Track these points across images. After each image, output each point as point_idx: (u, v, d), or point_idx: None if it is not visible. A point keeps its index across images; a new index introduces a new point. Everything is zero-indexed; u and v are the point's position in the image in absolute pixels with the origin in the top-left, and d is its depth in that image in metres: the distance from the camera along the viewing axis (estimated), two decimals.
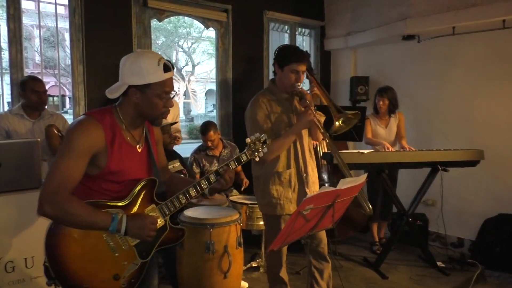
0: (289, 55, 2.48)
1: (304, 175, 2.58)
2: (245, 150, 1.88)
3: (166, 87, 1.66)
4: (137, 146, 1.72)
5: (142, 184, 1.68)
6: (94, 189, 1.62)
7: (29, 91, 3.04)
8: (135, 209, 1.67)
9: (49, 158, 2.97)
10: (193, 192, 1.76)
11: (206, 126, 3.96)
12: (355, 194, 2.01)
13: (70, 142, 1.55)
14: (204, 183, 1.79)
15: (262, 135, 1.91)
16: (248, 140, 1.88)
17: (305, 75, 2.65)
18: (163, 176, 1.90)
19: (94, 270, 1.59)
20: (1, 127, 3.01)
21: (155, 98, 1.64)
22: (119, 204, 1.64)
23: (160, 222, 1.71)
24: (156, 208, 1.72)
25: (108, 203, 1.62)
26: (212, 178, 1.80)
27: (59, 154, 1.56)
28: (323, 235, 2.67)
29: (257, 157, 1.89)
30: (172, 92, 1.71)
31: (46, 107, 3.22)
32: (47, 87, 3.32)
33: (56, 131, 2.87)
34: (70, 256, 1.56)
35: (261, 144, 1.89)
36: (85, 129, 1.57)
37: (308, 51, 5.67)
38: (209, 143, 3.89)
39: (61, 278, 1.55)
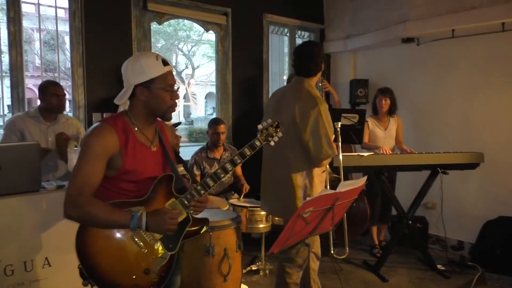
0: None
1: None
2: (258, 136, 1.88)
3: (169, 80, 1.75)
4: (151, 146, 1.81)
5: (159, 179, 1.75)
6: (114, 190, 1.72)
7: (50, 95, 3.10)
8: (155, 204, 1.73)
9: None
10: (211, 182, 1.80)
11: (217, 119, 4.04)
12: (355, 197, 2.01)
13: (88, 148, 1.66)
14: (221, 172, 1.81)
15: (274, 120, 1.91)
16: (260, 126, 1.89)
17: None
18: None
19: (124, 267, 1.66)
20: (16, 128, 3.05)
21: (161, 91, 1.73)
22: (139, 200, 1.72)
23: (182, 215, 1.78)
24: (176, 202, 1.78)
25: (128, 201, 1.71)
26: (229, 166, 1.82)
27: (78, 160, 1.68)
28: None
29: (272, 141, 1.90)
30: (176, 85, 1.79)
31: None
32: None
33: (65, 139, 2.98)
34: (99, 255, 1.64)
35: (274, 129, 1.91)
36: (100, 134, 1.67)
37: None
38: (221, 136, 3.92)
39: (94, 277, 1.63)
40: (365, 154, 3.64)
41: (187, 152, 4.25)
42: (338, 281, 3.54)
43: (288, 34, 5.35)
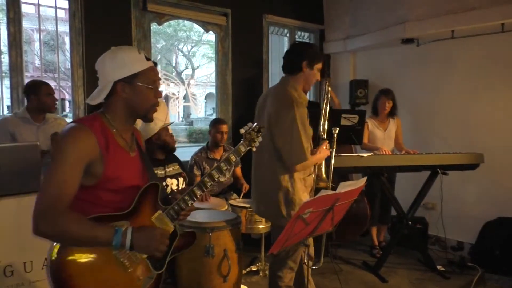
0: (318, 53, 2.49)
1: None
2: (242, 141, 1.76)
3: (152, 76, 1.58)
4: (130, 151, 1.61)
5: (144, 189, 1.57)
6: (92, 201, 1.49)
7: (44, 95, 3.10)
8: (141, 217, 1.55)
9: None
10: (198, 191, 1.67)
11: (220, 119, 4.08)
12: (355, 198, 2.01)
13: (62, 153, 1.42)
14: (208, 180, 1.69)
15: (255, 124, 1.79)
16: (242, 130, 1.77)
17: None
18: None
19: (105, 286, 1.47)
20: (6, 130, 3.04)
21: (144, 88, 1.56)
22: (122, 213, 1.51)
23: (170, 229, 1.62)
24: (163, 214, 1.62)
25: (111, 214, 1.50)
26: (215, 174, 1.69)
27: (51, 167, 1.43)
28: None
29: (254, 147, 1.78)
30: (160, 81, 1.65)
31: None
32: None
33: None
34: (80, 282, 1.42)
35: (255, 133, 1.76)
36: (76, 137, 1.45)
37: None
38: (224, 135, 3.94)
39: None
40: (365, 154, 3.65)
41: (187, 152, 4.25)
42: (338, 281, 3.54)
43: (288, 35, 5.35)
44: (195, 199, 1.68)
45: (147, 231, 1.50)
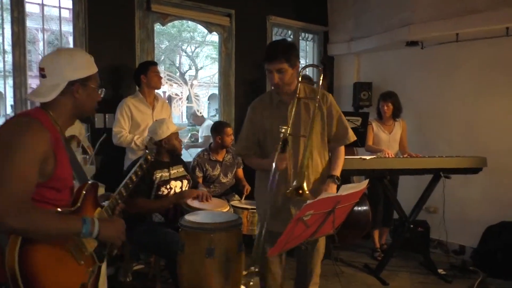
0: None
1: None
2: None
3: (98, 79, 1.67)
4: (67, 150, 1.63)
5: (88, 187, 1.63)
6: (36, 199, 1.45)
7: None
8: (86, 213, 1.60)
9: None
10: (124, 192, 1.82)
11: (221, 123, 4.03)
12: (356, 200, 2.00)
13: (20, 147, 1.38)
14: (129, 182, 1.86)
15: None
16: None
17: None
18: None
19: (65, 284, 1.51)
20: None
21: (94, 90, 1.65)
22: (73, 209, 1.55)
23: None
24: (102, 211, 1.71)
25: (63, 211, 1.51)
26: (138, 170, 1.89)
27: (8, 162, 1.37)
28: None
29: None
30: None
31: None
32: None
33: (81, 142, 2.94)
34: (44, 275, 1.42)
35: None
36: (33, 131, 1.44)
37: (311, 56, 5.69)
38: (229, 139, 3.92)
39: None
40: (368, 157, 3.63)
41: (189, 154, 4.25)
42: (339, 284, 3.53)
43: (292, 36, 5.35)
44: (128, 190, 1.85)
45: (112, 221, 1.64)
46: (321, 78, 2.45)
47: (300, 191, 2.16)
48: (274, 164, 2.20)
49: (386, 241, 4.53)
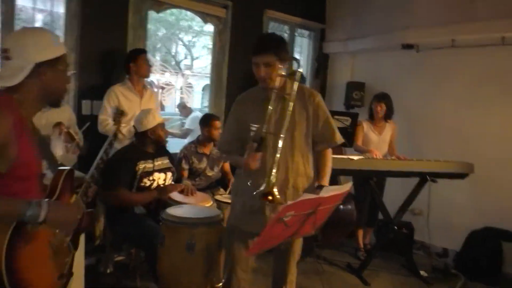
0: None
1: None
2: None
3: (68, 61, 1.58)
4: (34, 135, 1.55)
5: (66, 175, 1.62)
6: (6, 193, 1.40)
7: None
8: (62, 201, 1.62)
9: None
10: (96, 172, 1.95)
11: (210, 116, 3.97)
12: (339, 202, 1.99)
13: None
14: (100, 162, 2.00)
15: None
16: None
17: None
18: None
19: (48, 276, 1.52)
20: None
21: (64, 72, 1.54)
22: (51, 200, 1.53)
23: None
24: (78, 197, 1.73)
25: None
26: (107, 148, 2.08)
27: None
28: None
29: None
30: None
31: None
32: None
33: (65, 129, 2.85)
34: (26, 270, 1.41)
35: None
36: None
37: (306, 53, 5.66)
38: (217, 133, 3.79)
39: None
40: (355, 157, 3.63)
41: (178, 144, 4.22)
42: (320, 282, 3.54)
43: (288, 32, 5.31)
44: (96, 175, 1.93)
45: (66, 205, 1.61)
46: (297, 69, 2.26)
47: (270, 197, 1.96)
48: (245, 163, 2.12)
49: (369, 241, 4.55)
